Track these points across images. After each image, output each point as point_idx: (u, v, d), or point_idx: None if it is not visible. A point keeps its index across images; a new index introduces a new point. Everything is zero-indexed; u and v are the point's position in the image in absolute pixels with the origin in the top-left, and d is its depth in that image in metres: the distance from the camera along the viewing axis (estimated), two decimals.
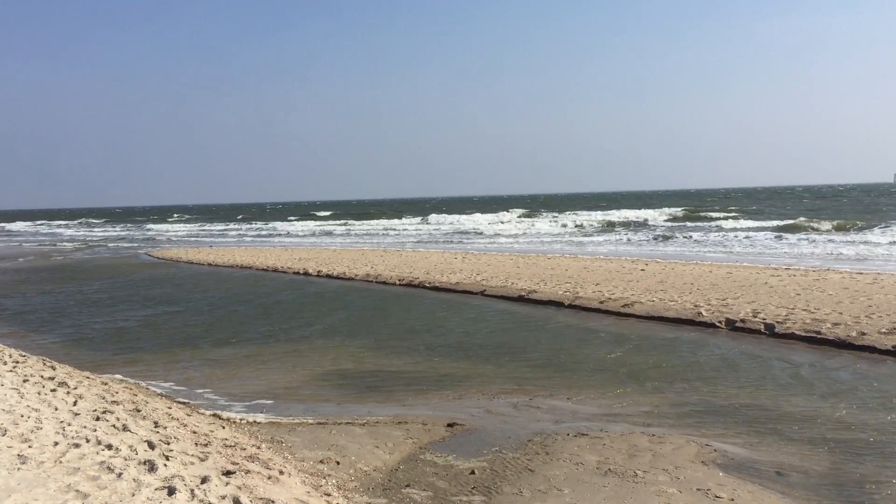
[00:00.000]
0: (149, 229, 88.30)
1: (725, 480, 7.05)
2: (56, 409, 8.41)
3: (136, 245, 57.26)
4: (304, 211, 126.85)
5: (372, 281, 25.02)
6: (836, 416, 9.03)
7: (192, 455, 6.88)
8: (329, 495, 6.62)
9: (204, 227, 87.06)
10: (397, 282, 24.12)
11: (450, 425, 8.99)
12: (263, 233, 71.86)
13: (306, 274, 28.38)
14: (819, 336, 12.94)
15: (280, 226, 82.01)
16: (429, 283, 23.11)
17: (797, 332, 13.31)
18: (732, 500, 6.57)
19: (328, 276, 27.35)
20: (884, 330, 12.76)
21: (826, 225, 42.99)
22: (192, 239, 64.19)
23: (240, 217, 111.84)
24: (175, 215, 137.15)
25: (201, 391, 11.19)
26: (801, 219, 47.38)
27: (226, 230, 79.19)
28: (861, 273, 20.72)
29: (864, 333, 12.68)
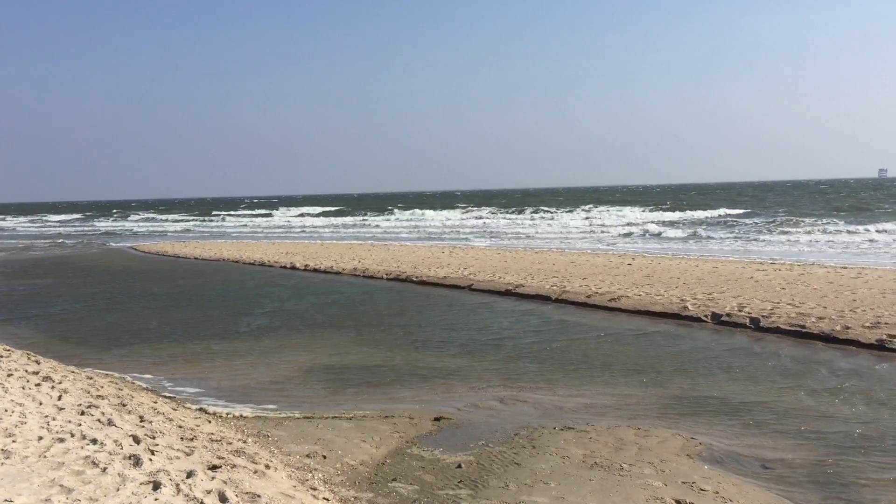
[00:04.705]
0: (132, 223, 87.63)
1: (710, 473, 7.09)
2: (40, 403, 8.35)
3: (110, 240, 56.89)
4: (293, 204, 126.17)
5: (359, 275, 24.99)
6: (821, 409, 9.10)
7: (178, 449, 6.86)
8: (315, 489, 6.61)
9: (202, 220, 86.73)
10: (385, 276, 24.10)
11: (437, 419, 9.00)
12: (244, 226, 71.65)
13: (293, 268, 28.30)
14: (804, 330, 13.03)
15: (255, 221, 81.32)
16: (416, 277, 23.10)
17: (782, 326, 13.39)
18: (717, 492, 6.61)
19: (315, 270, 27.29)
20: (867, 324, 12.86)
21: None
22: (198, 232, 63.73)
23: (218, 210, 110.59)
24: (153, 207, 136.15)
25: (187, 385, 11.15)
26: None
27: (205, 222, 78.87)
28: (845, 268, 20.87)
29: (848, 327, 12.78)
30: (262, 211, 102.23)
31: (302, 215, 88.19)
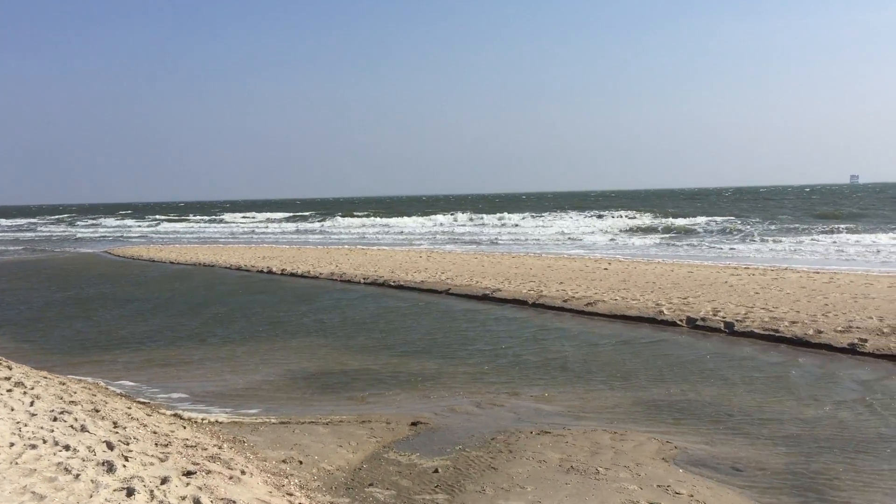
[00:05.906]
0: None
1: (685, 477, 7.15)
2: (12, 409, 8.23)
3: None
4: (269, 209, 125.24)
5: (336, 280, 24.91)
6: (793, 412, 9.22)
7: (152, 455, 6.79)
8: (291, 495, 6.58)
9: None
10: (362, 280, 24.05)
11: (413, 424, 8.99)
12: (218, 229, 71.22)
13: (270, 272, 28.15)
14: (777, 334, 13.19)
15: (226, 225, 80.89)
16: (393, 281, 23.08)
17: (756, 331, 13.55)
18: (692, 496, 6.67)
19: (292, 274, 27.17)
20: (840, 328, 13.04)
21: None
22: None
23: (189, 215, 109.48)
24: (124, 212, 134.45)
25: (162, 391, 11.04)
26: None
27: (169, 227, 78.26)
28: (818, 272, 21.14)
29: (820, 332, 12.95)
30: (224, 216, 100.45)
31: (268, 220, 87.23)
